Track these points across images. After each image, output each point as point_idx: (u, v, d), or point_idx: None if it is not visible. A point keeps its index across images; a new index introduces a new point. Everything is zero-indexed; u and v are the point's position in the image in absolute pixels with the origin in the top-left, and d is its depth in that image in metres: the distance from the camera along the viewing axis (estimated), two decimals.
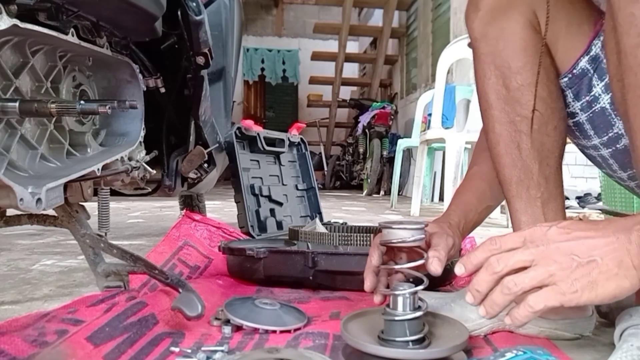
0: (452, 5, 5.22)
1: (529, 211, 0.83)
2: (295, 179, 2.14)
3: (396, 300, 0.71)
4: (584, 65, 0.79)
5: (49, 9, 0.78)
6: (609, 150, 0.83)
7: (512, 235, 0.61)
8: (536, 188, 0.82)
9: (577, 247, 0.57)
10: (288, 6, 10.63)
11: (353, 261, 1.15)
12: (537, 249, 0.58)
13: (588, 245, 0.57)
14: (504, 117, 0.82)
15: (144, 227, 2.55)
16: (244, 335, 0.83)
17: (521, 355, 0.66)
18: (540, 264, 0.57)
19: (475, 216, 0.94)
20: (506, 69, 0.80)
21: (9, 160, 0.76)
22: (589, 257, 0.56)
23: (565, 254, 0.57)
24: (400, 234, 0.75)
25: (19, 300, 1.11)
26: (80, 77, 0.97)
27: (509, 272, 0.59)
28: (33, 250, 1.76)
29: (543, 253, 0.58)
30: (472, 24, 0.83)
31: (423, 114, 4.29)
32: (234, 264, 1.27)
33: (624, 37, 0.60)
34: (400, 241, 0.75)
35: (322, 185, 7.73)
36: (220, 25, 1.51)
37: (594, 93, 0.79)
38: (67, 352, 0.67)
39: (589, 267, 0.56)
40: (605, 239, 0.57)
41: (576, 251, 0.57)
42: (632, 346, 0.64)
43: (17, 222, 1.08)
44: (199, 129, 1.35)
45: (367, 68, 9.79)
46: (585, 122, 0.83)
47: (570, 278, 0.56)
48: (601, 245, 0.56)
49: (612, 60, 0.66)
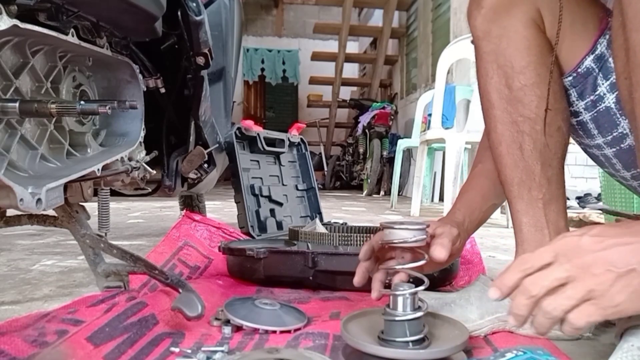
0: (452, 5, 5.21)
1: (530, 212, 0.82)
2: (295, 179, 2.14)
3: (396, 300, 0.71)
4: (589, 64, 0.78)
5: (49, 10, 0.78)
6: (613, 150, 0.82)
7: (543, 251, 0.58)
8: (538, 189, 0.81)
9: (613, 256, 0.54)
10: (288, 6, 10.63)
11: (353, 261, 1.14)
12: (572, 264, 0.55)
13: (625, 252, 0.54)
14: (506, 117, 0.81)
15: (144, 227, 2.55)
16: (244, 335, 0.83)
17: (521, 355, 0.66)
18: (578, 280, 0.54)
19: (480, 214, 0.93)
20: (509, 68, 0.79)
21: (9, 161, 0.76)
22: (627, 267, 0.53)
23: (602, 266, 0.54)
24: (402, 234, 0.75)
25: (19, 300, 1.11)
26: (80, 77, 0.97)
27: (547, 293, 0.55)
28: (33, 251, 1.76)
29: (578, 267, 0.55)
30: (475, 21, 0.82)
31: (423, 114, 4.28)
32: (234, 264, 1.27)
33: (634, 33, 0.59)
34: (402, 241, 0.75)
35: (322, 185, 7.73)
36: (220, 25, 1.51)
37: (599, 92, 0.78)
38: (67, 352, 0.67)
39: (629, 277, 0.53)
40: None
41: (613, 261, 0.53)
42: (632, 346, 0.64)
43: (17, 222, 1.08)
44: (199, 129, 1.35)
45: (367, 68, 9.78)
46: (589, 122, 0.82)
47: (610, 292, 0.53)
48: (638, 251, 0.53)
49: (619, 57, 0.65)
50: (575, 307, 0.54)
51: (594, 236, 0.56)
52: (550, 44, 0.80)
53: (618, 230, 0.56)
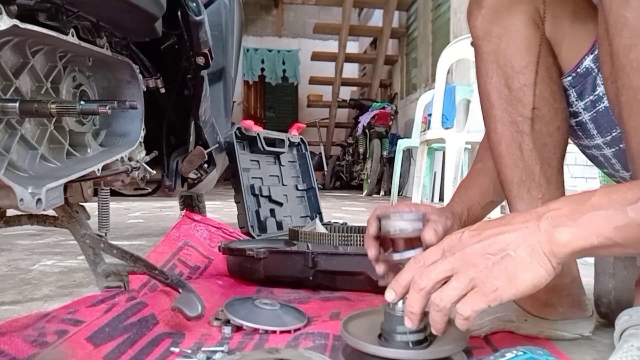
0: (452, 5, 5.21)
1: None
2: (295, 179, 2.14)
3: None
4: (588, 64, 0.79)
5: (49, 10, 0.78)
6: (612, 150, 0.82)
7: (433, 248, 0.62)
8: (537, 189, 0.82)
9: (489, 245, 0.57)
10: (288, 6, 10.63)
11: (353, 261, 1.15)
12: (454, 257, 0.58)
13: (500, 241, 0.57)
14: (505, 117, 0.81)
15: (144, 227, 2.55)
16: (244, 335, 0.83)
17: (521, 355, 0.66)
18: (460, 271, 0.57)
19: (477, 210, 0.94)
20: (509, 68, 0.80)
21: (9, 161, 0.76)
22: (502, 253, 0.56)
23: (479, 255, 0.57)
24: (399, 224, 0.75)
25: (19, 300, 1.11)
26: (80, 77, 0.97)
27: (435, 285, 0.59)
28: (33, 251, 1.76)
29: (460, 260, 0.58)
30: (475, 21, 0.82)
31: (423, 114, 4.28)
32: (234, 264, 1.27)
33: (616, 38, 0.61)
34: (399, 232, 0.75)
35: (322, 185, 7.72)
36: (220, 25, 1.51)
37: (598, 92, 0.79)
38: (67, 352, 0.67)
39: (504, 262, 0.56)
40: (516, 232, 0.57)
41: (489, 250, 0.57)
42: (632, 346, 0.64)
43: (17, 223, 1.08)
44: (199, 129, 1.35)
45: (367, 68, 9.78)
46: (588, 122, 0.82)
47: (488, 278, 0.56)
48: (512, 239, 0.56)
49: (605, 62, 0.67)
50: (461, 297, 0.57)
51: (472, 230, 0.60)
52: (549, 44, 0.80)
53: (494, 223, 0.60)
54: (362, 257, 1.13)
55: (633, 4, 0.59)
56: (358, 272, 1.14)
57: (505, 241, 0.57)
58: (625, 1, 0.59)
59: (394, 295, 0.63)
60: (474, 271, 0.57)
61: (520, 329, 0.84)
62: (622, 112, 0.64)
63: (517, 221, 0.58)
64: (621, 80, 0.62)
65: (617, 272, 0.91)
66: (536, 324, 0.82)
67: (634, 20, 0.59)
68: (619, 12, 0.60)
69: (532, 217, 0.57)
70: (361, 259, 1.13)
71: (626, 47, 0.60)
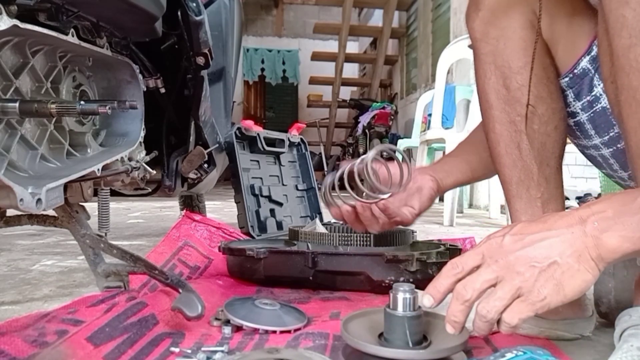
0: (452, 5, 5.21)
1: (529, 212, 0.83)
2: (295, 179, 2.14)
3: (397, 299, 0.71)
4: (585, 65, 0.79)
5: (49, 10, 0.78)
6: (610, 150, 0.83)
7: (471, 252, 0.61)
8: (536, 188, 0.82)
9: (534, 252, 0.56)
10: (288, 6, 10.63)
11: (353, 261, 1.15)
12: (498, 264, 0.57)
13: (545, 247, 0.56)
14: (504, 117, 0.82)
15: (144, 227, 2.55)
16: (244, 335, 0.83)
17: (521, 355, 0.66)
18: (505, 279, 0.57)
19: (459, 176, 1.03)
20: (507, 69, 0.80)
21: (9, 161, 0.76)
22: (548, 260, 0.55)
23: (525, 263, 0.56)
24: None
25: (19, 300, 1.11)
26: (80, 77, 0.97)
27: (479, 295, 0.58)
28: (33, 251, 1.76)
29: (504, 268, 0.57)
30: (473, 23, 0.83)
31: (423, 114, 4.28)
32: (234, 264, 1.27)
33: (616, 38, 0.61)
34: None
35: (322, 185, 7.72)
36: (220, 25, 1.51)
37: (595, 93, 0.79)
38: (67, 352, 0.67)
39: (551, 270, 0.55)
40: (561, 237, 0.56)
41: (535, 257, 0.56)
42: (632, 346, 0.64)
43: (17, 223, 1.08)
44: (199, 129, 1.35)
45: (367, 68, 9.78)
46: (586, 122, 0.83)
47: (535, 287, 0.55)
48: (557, 244, 0.56)
49: (605, 62, 0.67)
50: (507, 306, 0.56)
51: (513, 235, 0.59)
52: (547, 44, 0.81)
53: (535, 227, 0.58)
54: (362, 257, 1.14)
55: (632, 4, 0.59)
56: (358, 272, 1.14)
57: (551, 248, 0.56)
58: (624, 1, 0.59)
59: (432, 301, 0.62)
60: (520, 280, 0.56)
61: (520, 329, 0.84)
62: (621, 112, 0.64)
63: (561, 225, 0.57)
64: (620, 80, 0.62)
65: (617, 272, 0.91)
66: (536, 324, 0.82)
67: (633, 20, 0.59)
68: (619, 12, 0.60)
69: (575, 221, 0.56)
70: (361, 259, 1.13)
71: (625, 47, 0.60)
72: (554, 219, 0.58)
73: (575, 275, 0.55)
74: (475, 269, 0.59)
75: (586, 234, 0.55)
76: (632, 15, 0.59)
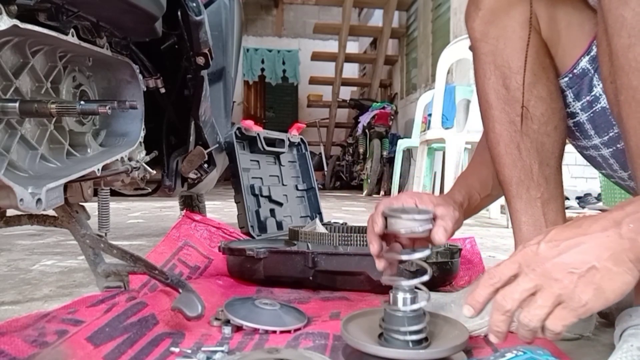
0: (452, 5, 5.21)
1: (529, 211, 0.83)
2: (295, 179, 2.14)
3: (397, 294, 0.71)
4: (584, 65, 0.79)
5: (49, 10, 0.78)
6: (610, 150, 0.83)
7: (507, 262, 0.61)
8: (536, 188, 0.82)
9: (571, 258, 0.56)
10: (288, 6, 10.63)
11: (353, 261, 1.15)
12: (535, 273, 0.57)
13: (581, 252, 0.56)
14: (504, 117, 0.82)
15: (144, 227, 2.55)
16: (244, 335, 0.83)
17: (521, 355, 0.66)
18: (544, 288, 0.57)
19: (477, 200, 0.94)
20: (506, 68, 0.80)
21: (9, 161, 0.76)
22: (586, 265, 0.55)
23: (562, 269, 0.56)
24: (410, 225, 0.73)
25: (19, 300, 1.11)
26: (80, 77, 0.97)
27: (519, 305, 0.58)
28: (33, 251, 1.76)
29: (542, 276, 0.57)
30: (473, 23, 0.83)
31: (423, 114, 4.29)
32: (234, 264, 1.27)
33: (615, 38, 0.61)
34: (409, 232, 0.73)
35: (322, 185, 7.72)
36: (220, 25, 1.51)
37: (595, 93, 0.79)
38: (67, 352, 0.67)
39: (590, 275, 0.55)
40: (596, 241, 0.56)
41: (572, 263, 0.56)
42: (632, 346, 0.64)
43: (17, 223, 1.08)
44: (199, 129, 1.35)
45: (367, 68, 9.78)
46: (585, 122, 0.83)
47: (576, 293, 0.55)
48: (594, 249, 0.55)
49: (604, 62, 0.67)
50: (549, 314, 0.56)
51: (548, 242, 0.58)
52: (546, 45, 0.81)
53: (569, 232, 0.58)
54: (362, 257, 1.13)
55: (632, 4, 0.59)
56: (358, 272, 1.14)
57: (587, 252, 0.55)
58: (624, 1, 0.59)
59: (472, 311, 0.62)
60: (559, 287, 0.56)
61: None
62: (621, 112, 0.64)
63: (595, 229, 0.56)
64: (620, 80, 0.62)
65: None
66: None
67: (632, 20, 0.59)
68: (618, 12, 0.60)
69: (610, 224, 0.56)
70: (361, 259, 1.13)
71: (625, 47, 0.60)
72: (588, 223, 0.58)
73: (614, 278, 0.54)
74: (513, 279, 0.59)
75: (622, 236, 0.55)
76: (631, 15, 0.59)
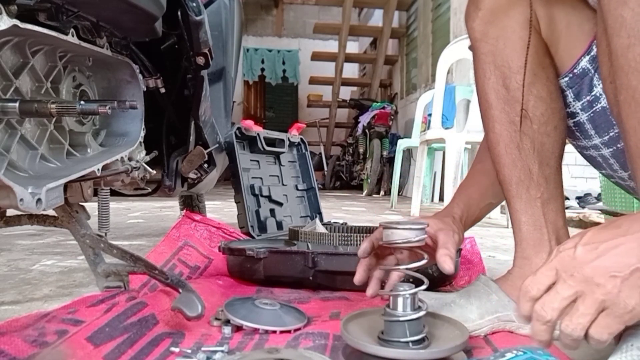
0: (452, 5, 5.22)
1: (529, 211, 0.83)
2: (295, 179, 2.14)
3: (396, 300, 0.71)
4: (584, 65, 0.79)
5: (49, 10, 0.78)
6: (610, 150, 0.83)
7: (543, 269, 0.58)
8: (536, 188, 0.82)
9: (611, 261, 0.53)
10: (288, 6, 10.63)
11: (353, 261, 1.14)
12: (574, 279, 0.55)
13: (622, 254, 0.53)
14: (504, 117, 0.82)
15: (144, 227, 2.55)
16: (244, 335, 0.83)
17: (521, 355, 0.66)
18: (585, 294, 0.54)
19: (476, 211, 0.94)
20: (506, 68, 0.80)
21: (9, 161, 0.76)
22: (629, 268, 0.52)
23: (603, 273, 0.53)
24: (405, 234, 0.74)
25: (19, 300, 1.11)
26: (80, 77, 0.97)
27: (561, 313, 0.56)
28: (33, 251, 1.76)
29: (582, 281, 0.54)
30: (473, 23, 0.83)
31: (423, 114, 4.29)
32: (234, 264, 1.27)
33: (614, 38, 0.61)
34: (405, 241, 0.75)
35: (322, 185, 7.73)
36: (220, 25, 1.51)
37: (595, 93, 0.79)
38: (67, 352, 0.67)
39: (634, 277, 0.52)
40: (637, 241, 0.53)
41: (614, 266, 0.53)
42: (632, 346, 0.64)
43: (17, 223, 1.08)
44: (199, 129, 1.35)
45: (367, 68, 9.79)
46: (586, 122, 0.83)
47: (621, 298, 0.52)
48: (635, 249, 0.53)
49: (604, 62, 0.67)
50: (592, 321, 0.54)
51: (586, 245, 0.55)
52: (546, 45, 0.81)
53: (607, 234, 0.55)
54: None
55: (631, 4, 0.59)
56: None
57: (629, 254, 0.53)
58: (623, 2, 0.59)
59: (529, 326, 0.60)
60: (601, 293, 0.53)
61: (520, 329, 0.84)
62: (620, 112, 0.64)
63: (636, 229, 0.54)
64: (620, 80, 0.62)
65: None
66: None
67: (632, 20, 0.59)
68: (617, 12, 0.60)
69: None
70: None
71: (624, 47, 0.60)
72: (628, 223, 0.55)
73: None
74: (551, 287, 0.57)
75: None
76: (631, 15, 0.59)
